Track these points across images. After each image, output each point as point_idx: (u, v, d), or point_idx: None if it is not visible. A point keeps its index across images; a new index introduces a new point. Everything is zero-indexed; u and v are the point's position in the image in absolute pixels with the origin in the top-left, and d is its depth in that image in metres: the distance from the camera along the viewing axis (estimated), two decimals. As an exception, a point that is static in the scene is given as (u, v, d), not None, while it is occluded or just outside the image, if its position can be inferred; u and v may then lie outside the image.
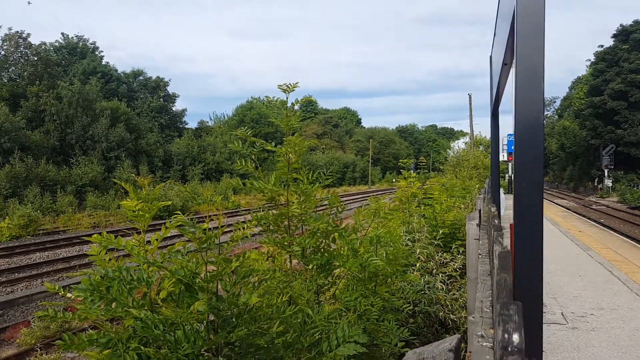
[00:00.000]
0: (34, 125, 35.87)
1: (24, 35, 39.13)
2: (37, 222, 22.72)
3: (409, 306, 3.87)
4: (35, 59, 39.62)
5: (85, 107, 37.88)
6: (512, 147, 7.45)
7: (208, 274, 2.03)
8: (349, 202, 41.79)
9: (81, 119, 37.24)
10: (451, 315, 5.77)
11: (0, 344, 8.90)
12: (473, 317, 4.37)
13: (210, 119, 69.76)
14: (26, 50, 39.41)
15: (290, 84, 3.20)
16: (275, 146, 3.40)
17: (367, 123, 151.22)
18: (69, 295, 2.21)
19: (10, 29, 39.09)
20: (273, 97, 3.49)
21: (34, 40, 41.56)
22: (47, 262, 15.55)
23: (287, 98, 3.21)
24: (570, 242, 11.31)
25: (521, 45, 1.82)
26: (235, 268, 2.07)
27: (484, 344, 1.71)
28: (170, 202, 3.00)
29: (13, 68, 39.60)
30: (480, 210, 5.19)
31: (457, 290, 6.16)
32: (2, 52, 38.73)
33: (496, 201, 6.47)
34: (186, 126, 56.94)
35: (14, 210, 23.25)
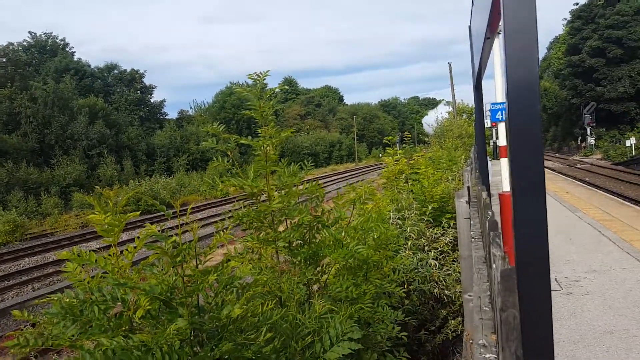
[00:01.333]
0: (10, 129, 35.01)
1: (-11, 37, 37.85)
2: (23, 226, 22.35)
3: (403, 289, 3.81)
4: (4, 60, 38.47)
5: (61, 106, 37.04)
6: (496, 116, 7.37)
7: (186, 287, 1.91)
8: (338, 180, 41.78)
9: (59, 119, 36.43)
10: (446, 291, 5.76)
11: (-5, 356, 8.77)
12: (469, 296, 4.33)
13: (191, 107, 68.93)
14: (-7, 52, 38.24)
15: (260, 72, 3.04)
16: (252, 139, 3.26)
17: (349, 100, 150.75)
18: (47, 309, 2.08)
19: (-26, 30, 37.74)
20: (244, 83, 3.33)
21: (1, 41, 40.27)
22: (36, 267, 15.32)
23: (258, 87, 3.05)
24: (559, 205, 11.38)
25: (509, 8, 1.65)
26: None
27: (487, 355, 1.61)
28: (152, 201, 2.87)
29: (-19, 71, 38.40)
30: (469, 187, 5.12)
31: (450, 265, 6.13)
32: (-31, 56, 37.54)
33: (484, 176, 6.39)
34: (167, 117, 56.08)
35: (-2, 217, 22.81)
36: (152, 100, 54.49)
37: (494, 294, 1.60)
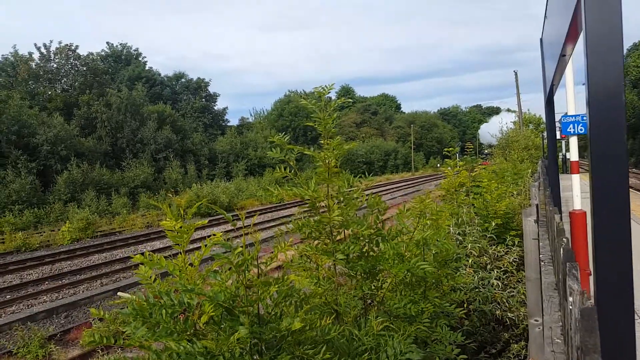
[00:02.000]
0: (87, 132, 37.59)
1: (73, 48, 40.94)
2: (94, 224, 23.81)
3: (463, 310, 3.68)
4: (85, 69, 41.45)
5: (133, 112, 39.34)
6: (568, 129, 7.00)
7: (247, 297, 1.95)
8: (393, 190, 41.36)
9: (130, 124, 38.70)
10: (509, 313, 5.50)
11: (66, 345, 9.36)
12: (535, 320, 4.12)
13: (251, 114, 70.87)
14: (76, 62, 41.27)
15: (325, 85, 3.08)
16: (313, 149, 3.30)
17: (407, 108, 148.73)
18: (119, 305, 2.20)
19: (60, 42, 40.98)
20: (309, 91, 3.37)
21: (82, 51, 43.40)
22: (105, 264, 16.26)
23: (322, 100, 3.09)
24: (638, 226, 10.59)
25: (592, 15, 1.55)
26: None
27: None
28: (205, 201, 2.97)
29: (65, 79, 41.57)
30: (537, 206, 4.88)
31: (514, 287, 5.86)
32: (55, 65, 40.70)
33: (555, 195, 6.06)
34: (228, 124, 58.05)
35: (73, 214, 24.49)
36: (215, 108, 56.66)
37: (569, 328, 1.50)
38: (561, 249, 2.11)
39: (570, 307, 1.37)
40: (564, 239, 2.34)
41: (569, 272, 1.53)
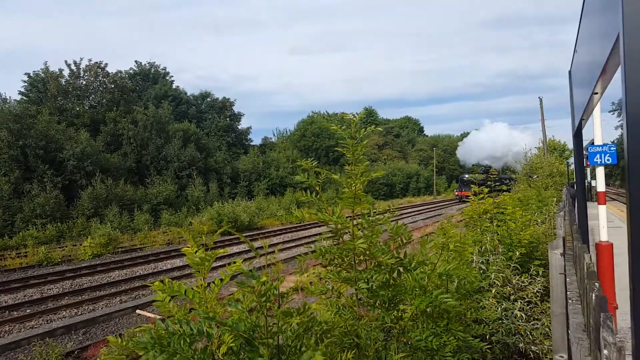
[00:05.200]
0: (112, 149, 38.44)
1: (102, 65, 42.23)
2: (116, 240, 24.07)
3: (487, 344, 3.55)
4: (112, 86, 42.62)
5: (158, 129, 40.16)
6: (595, 159, 6.85)
7: (268, 327, 1.91)
8: (414, 213, 40.93)
9: (155, 141, 39.46)
10: (532, 347, 5.32)
11: (84, 362, 9.39)
12: (560, 357, 3.97)
13: (274, 134, 71.42)
14: (104, 79, 42.49)
15: (356, 113, 3.12)
16: (338, 172, 3.30)
17: (430, 131, 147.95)
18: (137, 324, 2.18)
19: (90, 60, 42.33)
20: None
21: (111, 68, 44.68)
22: (125, 280, 16.37)
23: (352, 128, 3.11)
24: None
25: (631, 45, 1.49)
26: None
27: None
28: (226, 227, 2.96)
29: (93, 96, 42.76)
30: (564, 239, 4.74)
31: (538, 319, 5.66)
32: (84, 82, 41.98)
33: (584, 231, 5.88)
34: (251, 143, 58.68)
35: (95, 230, 24.86)
36: (239, 127, 57.40)
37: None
38: (593, 295, 2.02)
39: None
40: (595, 284, 2.24)
41: (604, 323, 1.45)
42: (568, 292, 3.11)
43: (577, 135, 5.54)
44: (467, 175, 55.58)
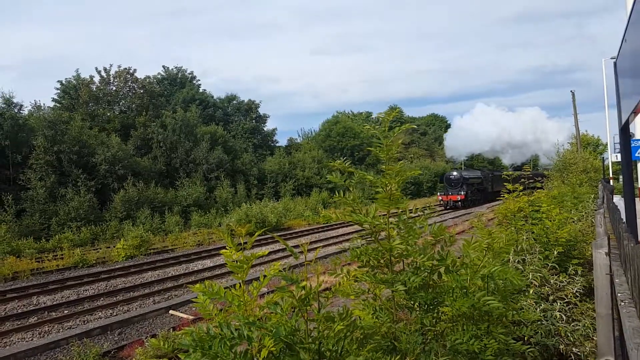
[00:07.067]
0: (142, 152, 39.26)
1: (131, 71, 43.20)
2: (148, 242, 24.55)
3: (530, 348, 3.44)
4: (142, 91, 43.53)
5: (187, 133, 40.82)
6: (637, 153, 6.59)
7: (309, 333, 1.88)
8: (443, 212, 40.40)
9: (184, 144, 40.13)
10: (573, 348, 5.14)
11: (120, 362, 9.59)
12: (607, 361, 3.81)
13: (299, 135, 71.49)
14: (133, 85, 43.47)
15: (388, 112, 3.06)
16: (369, 172, 3.25)
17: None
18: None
19: (119, 66, 43.35)
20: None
21: (140, 74, 45.62)
22: (157, 281, 16.68)
23: (385, 126, 3.05)
24: None
25: None
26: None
27: None
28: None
29: (123, 101, 43.81)
30: (609, 237, 4.55)
31: (578, 320, 5.48)
32: (114, 88, 43.04)
33: (633, 228, 5.65)
34: (277, 144, 58.99)
35: (128, 232, 25.44)
36: (265, 129, 57.81)
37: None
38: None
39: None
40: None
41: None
42: (618, 294, 2.98)
43: (625, 129, 5.33)
44: (455, 173, 44.99)
